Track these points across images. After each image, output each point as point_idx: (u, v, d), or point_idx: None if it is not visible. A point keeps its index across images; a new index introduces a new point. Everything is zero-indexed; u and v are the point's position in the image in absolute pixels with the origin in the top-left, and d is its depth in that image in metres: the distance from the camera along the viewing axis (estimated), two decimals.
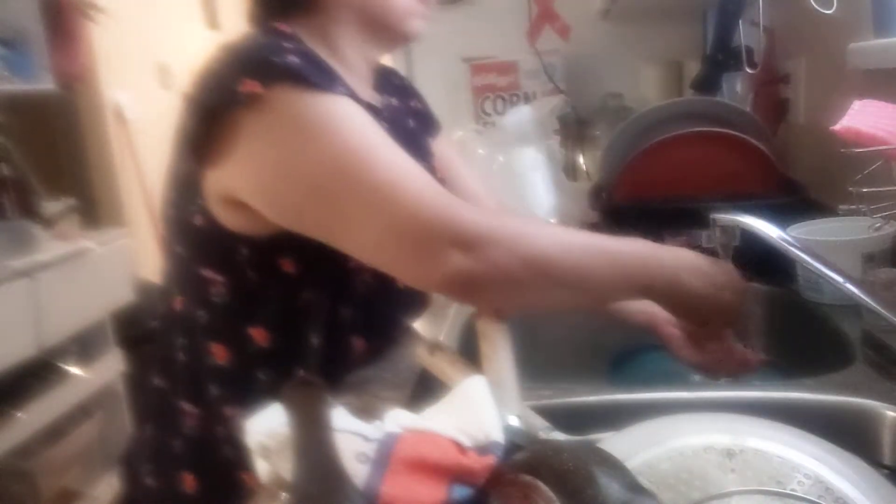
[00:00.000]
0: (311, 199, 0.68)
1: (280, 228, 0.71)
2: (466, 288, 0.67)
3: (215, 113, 0.68)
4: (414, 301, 0.87)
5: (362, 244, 0.69)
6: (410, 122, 0.96)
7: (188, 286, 0.79)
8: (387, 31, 0.84)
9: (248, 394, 0.75)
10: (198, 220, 0.75)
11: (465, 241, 0.65)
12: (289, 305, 0.76)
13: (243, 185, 0.70)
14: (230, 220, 0.73)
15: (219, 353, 0.77)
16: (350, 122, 0.69)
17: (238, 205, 0.71)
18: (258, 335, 0.76)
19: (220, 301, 0.76)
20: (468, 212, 0.67)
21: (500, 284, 0.67)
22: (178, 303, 0.81)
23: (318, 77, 0.68)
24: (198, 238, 0.76)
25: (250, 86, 0.66)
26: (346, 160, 0.67)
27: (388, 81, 0.95)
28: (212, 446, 0.79)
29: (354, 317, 0.78)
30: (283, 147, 0.67)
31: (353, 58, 0.83)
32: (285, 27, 0.78)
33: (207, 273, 0.76)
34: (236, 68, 0.68)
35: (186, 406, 0.80)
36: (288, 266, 0.74)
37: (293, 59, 0.68)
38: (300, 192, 0.68)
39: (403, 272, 0.69)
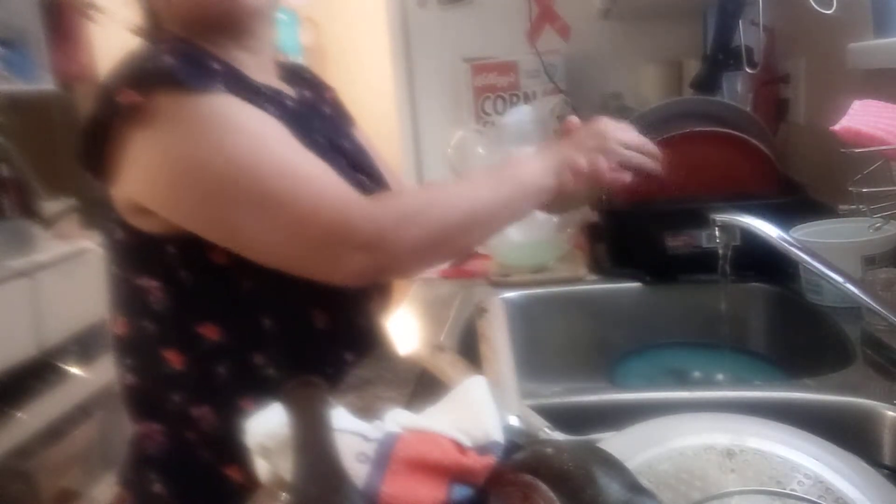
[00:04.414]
0: (205, 205, 0.68)
1: None
2: (375, 279, 0.73)
3: (99, 127, 0.68)
4: None
5: (260, 248, 0.69)
6: (326, 109, 0.95)
7: (128, 302, 0.78)
8: (212, 20, 0.76)
9: (211, 392, 0.76)
10: (118, 234, 0.75)
11: (364, 243, 0.66)
12: (231, 296, 0.75)
13: (141, 192, 0.70)
14: (147, 224, 0.73)
15: (174, 360, 0.76)
16: (234, 122, 0.67)
17: (145, 210, 0.71)
18: (208, 331, 0.75)
19: (161, 308, 0.75)
20: (363, 209, 0.67)
21: (408, 265, 0.73)
22: (120, 325, 0.80)
23: (193, 76, 0.67)
24: (123, 251, 0.76)
25: (129, 96, 0.66)
26: (233, 163, 0.66)
27: (298, 76, 0.95)
28: (186, 455, 0.78)
29: (309, 291, 0.76)
30: (169, 154, 0.67)
31: (229, 54, 0.79)
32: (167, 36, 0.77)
33: (143, 282, 0.75)
34: (115, 80, 0.68)
35: (147, 427, 0.79)
36: (220, 258, 0.73)
37: (167, 59, 0.67)
38: (193, 199, 0.68)
39: (308, 273, 0.69)
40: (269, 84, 0.81)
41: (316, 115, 0.89)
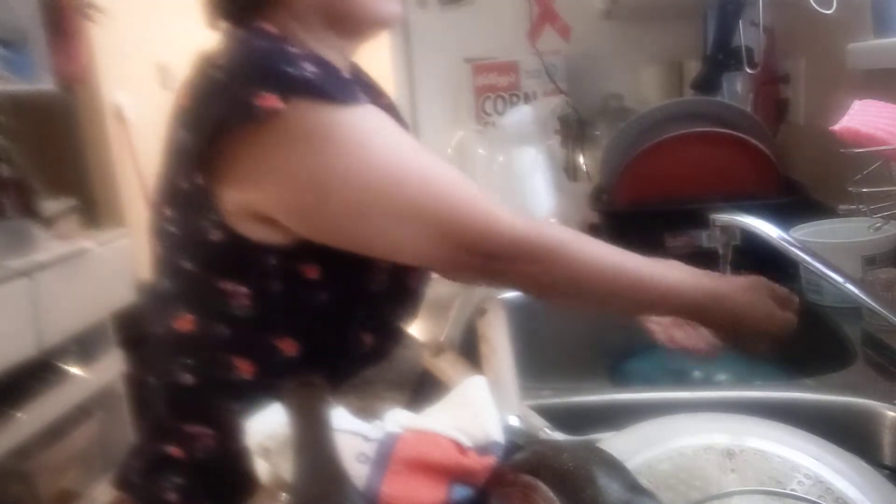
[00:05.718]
0: (349, 215, 0.68)
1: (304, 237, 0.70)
2: (502, 284, 0.80)
3: (227, 128, 0.64)
4: (417, 298, 0.87)
5: (402, 253, 0.72)
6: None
7: (202, 302, 0.75)
8: (356, 22, 0.78)
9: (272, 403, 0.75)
10: (214, 236, 0.71)
11: (507, 256, 0.71)
12: (312, 311, 0.74)
13: (270, 200, 0.68)
14: (255, 232, 0.70)
15: (244, 368, 0.74)
16: (379, 134, 0.68)
17: (263, 219, 0.69)
18: (286, 346, 0.73)
19: (243, 314, 0.72)
20: (509, 221, 0.71)
21: (536, 291, 0.77)
22: (186, 322, 0.76)
23: (337, 88, 0.65)
24: (215, 252, 0.72)
25: (268, 100, 0.62)
26: (381, 174, 0.67)
27: (359, 81, 0.92)
28: (231, 462, 0.77)
29: (366, 314, 0.78)
30: (312, 164, 0.65)
31: (329, 54, 0.77)
32: (271, 27, 0.74)
33: (228, 286, 0.72)
34: (249, 79, 0.64)
35: (196, 429, 0.77)
36: (311, 272, 0.72)
37: (310, 69, 0.65)
38: (335, 208, 0.67)
39: (442, 271, 0.79)
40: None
41: None
